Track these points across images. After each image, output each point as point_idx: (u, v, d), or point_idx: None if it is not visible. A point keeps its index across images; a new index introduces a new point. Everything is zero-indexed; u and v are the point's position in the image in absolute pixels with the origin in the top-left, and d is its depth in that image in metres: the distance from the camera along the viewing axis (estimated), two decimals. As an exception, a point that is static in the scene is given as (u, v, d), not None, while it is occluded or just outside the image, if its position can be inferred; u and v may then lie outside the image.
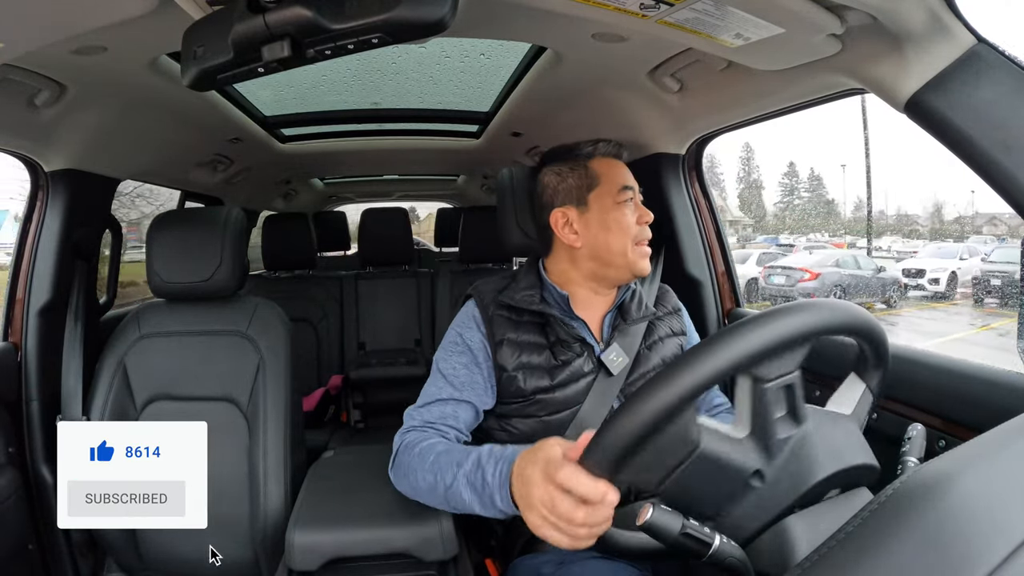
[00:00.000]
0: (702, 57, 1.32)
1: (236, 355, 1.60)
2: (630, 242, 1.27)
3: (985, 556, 0.49)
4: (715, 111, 1.62)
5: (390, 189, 4.24)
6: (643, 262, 1.28)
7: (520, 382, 1.24)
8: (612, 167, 1.31)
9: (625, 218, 1.27)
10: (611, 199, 1.28)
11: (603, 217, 1.28)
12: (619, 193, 1.28)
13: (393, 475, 1.18)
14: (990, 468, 0.59)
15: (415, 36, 0.80)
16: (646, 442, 0.72)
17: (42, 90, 1.34)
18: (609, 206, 1.27)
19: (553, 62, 1.53)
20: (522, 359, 1.24)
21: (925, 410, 1.22)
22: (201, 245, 1.59)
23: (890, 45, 0.97)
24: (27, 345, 1.62)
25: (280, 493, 1.51)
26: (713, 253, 1.93)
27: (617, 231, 1.27)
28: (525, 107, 1.95)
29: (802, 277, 12.17)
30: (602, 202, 1.28)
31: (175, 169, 2.32)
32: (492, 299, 1.30)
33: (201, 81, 0.87)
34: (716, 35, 1.03)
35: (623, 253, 1.27)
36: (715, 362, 0.69)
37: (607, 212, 1.27)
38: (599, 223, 1.28)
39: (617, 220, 1.27)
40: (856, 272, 12.30)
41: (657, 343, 1.34)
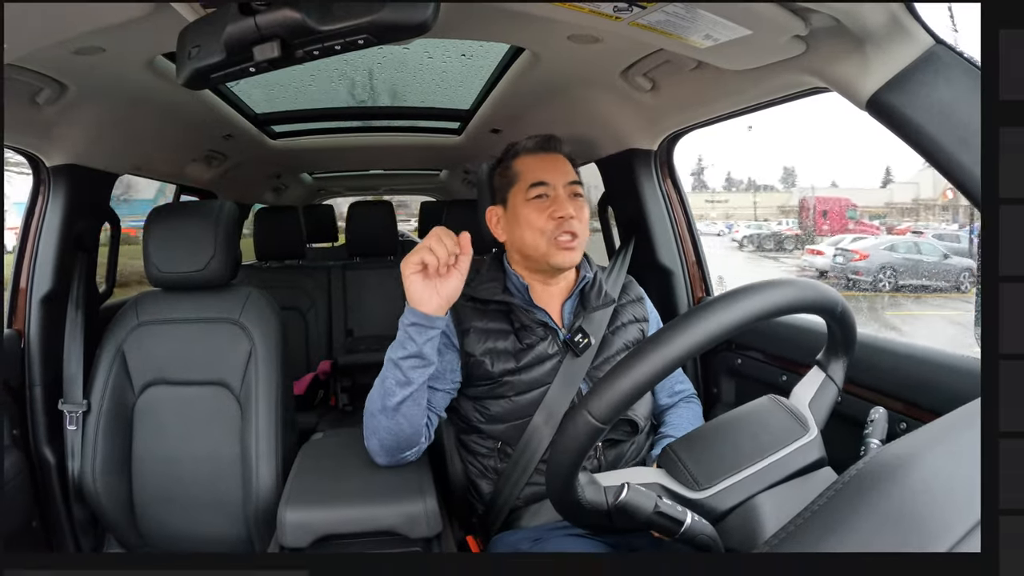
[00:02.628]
0: (673, 57, 1.34)
1: (229, 341, 1.62)
2: (542, 238, 1.28)
3: (945, 533, 0.51)
4: (685, 109, 1.64)
5: (376, 183, 4.29)
6: (559, 256, 1.28)
7: (488, 365, 1.27)
8: (533, 163, 1.32)
9: (533, 215, 1.28)
10: (522, 196, 1.30)
11: (516, 214, 1.31)
12: (529, 190, 1.29)
13: (366, 442, 1.21)
14: (948, 449, 0.60)
15: (399, 38, 0.82)
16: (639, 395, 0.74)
17: (44, 89, 1.36)
18: (520, 203, 1.30)
19: (530, 62, 1.55)
20: (488, 344, 1.27)
21: (887, 394, 1.25)
22: (196, 237, 1.61)
23: (852, 46, 0.99)
24: (30, 332, 1.65)
25: (271, 473, 1.53)
26: (684, 244, 1.96)
27: (527, 228, 1.29)
28: (504, 105, 1.97)
29: (853, 257, 13.05)
30: (516, 200, 1.31)
31: (171, 164, 2.35)
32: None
33: (195, 80, 0.88)
34: (686, 36, 1.04)
35: (536, 248, 1.29)
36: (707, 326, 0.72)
37: (519, 209, 1.30)
38: (514, 220, 1.31)
39: (527, 217, 1.29)
40: (913, 256, 12.75)
41: (620, 329, 1.37)
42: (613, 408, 0.73)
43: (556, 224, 1.26)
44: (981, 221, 0.63)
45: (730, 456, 0.84)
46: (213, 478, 1.59)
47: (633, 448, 1.33)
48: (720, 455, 0.85)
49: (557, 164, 1.31)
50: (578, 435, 0.75)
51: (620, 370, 0.73)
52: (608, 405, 0.72)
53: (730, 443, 0.86)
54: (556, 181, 1.29)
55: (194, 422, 1.61)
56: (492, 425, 1.30)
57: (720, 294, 0.76)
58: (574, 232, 1.27)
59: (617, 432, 1.30)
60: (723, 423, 0.91)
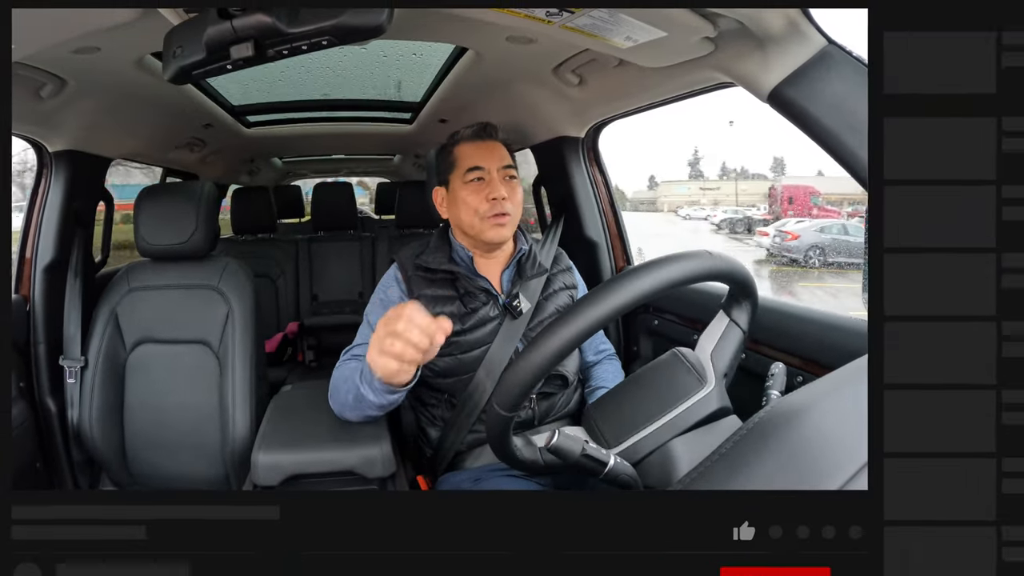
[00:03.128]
0: (598, 56, 1.38)
1: (209, 305, 1.69)
2: (476, 218, 1.32)
3: (836, 472, 0.53)
4: (609, 101, 1.70)
5: (338, 167, 4.40)
6: (491, 232, 1.33)
7: None
8: (470, 150, 1.37)
9: (470, 196, 1.33)
10: (460, 180, 1.34)
11: (456, 195, 1.35)
12: (466, 174, 1.34)
13: (330, 399, 1.24)
14: (839, 399, 0.62)
15: (358, 39, 0.83)
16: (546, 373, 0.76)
17: (46, 84, 1.38)
18: (460, 186, 1.34)
19: (473, 60, 1.58)
20: (436, 309, 1.30)
21: (786, 351, 1.31)
22: (180, 214, 1.68)
23: (755, 46, 1.02)
24: (35, 297, 1.70)
25: (246, 420, 1.62)
26: (608, 219, 2.04)
27: (464, 208, 1.33)
28: (450, 98, 2.01)
29: (787, 238, 13.79)
30: (456, 182, 1.36)
31: (158, 150, 2.40)
32: (410, 263, 1.37)
33: (179, 76, 0.89)
34: (609, 38, 1.07)
35: (472, 226, 1.34)
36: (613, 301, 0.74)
37: (458, 191, 1.35)
38: (454, 200, 1.36)
39: (464, 199, 1.33)
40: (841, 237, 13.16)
41: (552, 295, 1.43)
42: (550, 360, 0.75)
43: (490, 205, 1.31)
44: (868, 200, 0.65)
45: (636, 414, 0.86)
46: (195, 425, 1.66)
47: (563, 400, 1.38)
48: (628, 414, 0.87)
49: (493, 150, 1.36)
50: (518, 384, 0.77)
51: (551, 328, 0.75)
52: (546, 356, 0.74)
53: (637, 401, 0.88)
54: (491, 165, 1.33)
55: (178, 376, 1.68)
56: (440, 379, 1.34)
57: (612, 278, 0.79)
58: (506, 212, 1.32)
59: (549, 386, 1.35)
60: (633, 381, 0.94)
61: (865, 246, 0.74)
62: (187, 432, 1.67)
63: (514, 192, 1.35)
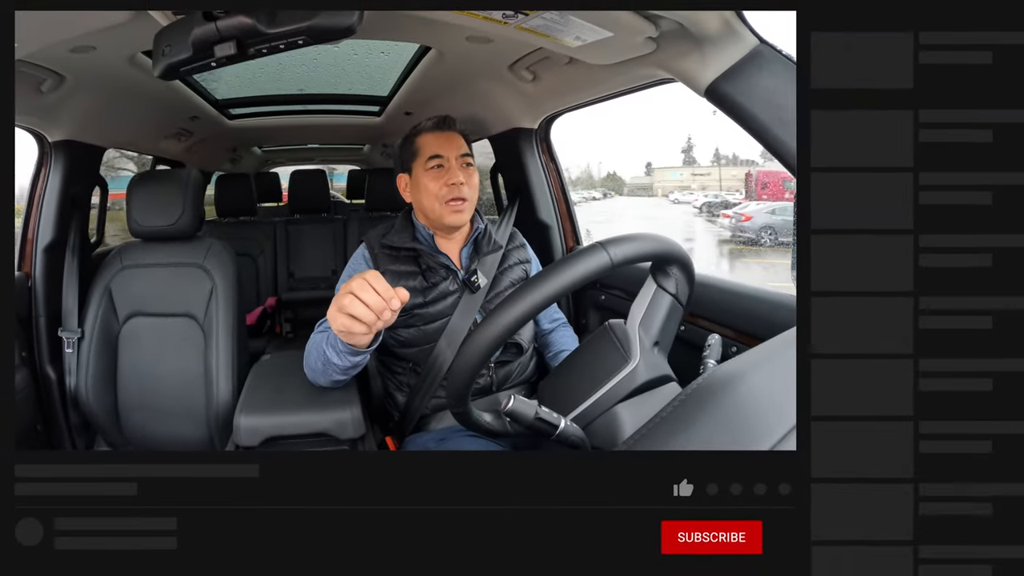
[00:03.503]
0: (550, 54, 1.42)
1: (195, 282, 1.75)
2: (436, 202, 1.37)
3: (767, 434, 0.55)
4: (560, 95, 1.77)
5: (312, 155, 4.53)
6: (450, 217, 1.38)
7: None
8: (431, 140, 1.41)
9: (430, 183, 1.38)
10: (422, 167, 1.39)
11: (418, 182, 1.40)
12: (427, 161, 1.39)
13: (304, 367, 1.28)
14: (770, 368, 0.65)
15: (331, 39, 0.86)
16: (499, 346, 0.78)
17: (46, 79, 1.43)
18: (421, 173, 1.39)
19: (436, 58, 1.65)
20: (400, 283, 1.30)
21: (722, 324, 1.37)
22: (169, 198, 1.73)
23: (693, 45, 1.05)
24: (36, 274, 1.77)
25: (228, 387, 1.68)
26: (559, 203, 2.13)
27: (425, 194, 1.39)
28: (415, 93, 2.08)
29: (741, 219, 14.45)
30: (417, 170, 1.40)
31: (148, 140, 2.48)
32: (377, 242, 1.42)
33: (168, 73, 0.91)
34: (560, 38, 1.11)
35: (432, 210, 1.39)
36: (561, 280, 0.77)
37: (420, 178, 1.39)
38: (416, 186, 1.41)
39: (425, 185, 1.38)
40: (791, 218, 13.28)
41: (508, 269, 1.49)
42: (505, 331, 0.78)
43: (449, 189, 1.36)
44: (796, 186, 0.67)
45: (572, 392, 0.89)
46: (182, 391, 1.73)
47: (519, 367, 1.44)
48: (566, 391, 0.90)
49: (451, 140, 1.41)
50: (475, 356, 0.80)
51: (520, 291, 0.78)
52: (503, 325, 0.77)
53: (574, 380, 0.91)
54: (450, 153, 1.39)
55: (167, 346, 1.74)
56: (405, 349, 1.40)
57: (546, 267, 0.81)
58: (463, 197, 1.37)
59: (506, 354, 1.41)
60: (569, 361, 0.96)
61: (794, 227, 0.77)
62: (175, 398, 1.74)
63: (470, 178, 1.40)
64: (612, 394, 0.86)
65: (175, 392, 1.74)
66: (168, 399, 1.74)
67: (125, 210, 1.77)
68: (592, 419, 0.85)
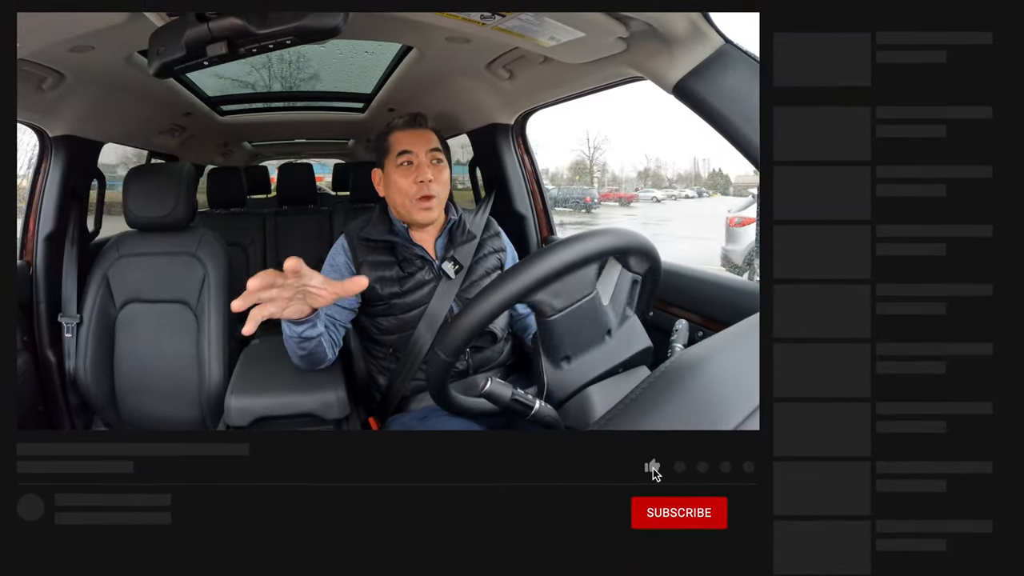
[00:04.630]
0: (526, 53, 1.44)
1: (188, 270, 1.78)
2: (406, 199, 1.38)
3: (732, 415, 0.57)
4: (536, 92, 1.81)
5: (299, 150, 4.54)
6: (419, 214, 1.39)
7: (378, 290, 1.37)
8: (402, 137, 1.42)
9: (400, 179, 1.39)
10: (393, 163, 1.40)
11: (388, 179, 1.42)
12: (397, 157, 1.39)
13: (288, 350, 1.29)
14: (735, 352, 0.66)
15: (317, 39, 0.87)
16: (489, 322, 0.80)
17: (47, 77, 1.45)
18: (392, 169, 1.41)
19: (417, 57, 1.68)
20: (378, 273, 1.37)
21: (689, 309, 1.39)
22: (163, 190, 1.77)
23: (661, 45, 1.06)
24: (37, 262, 1.81)
25: (220, 370, 1.72)
26: (534, 195, 2.19)
27: (395, 190, 1.40)
28: (397, 90, 2.11)
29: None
30: (389, 166, 1.42)
31: (143, 135, 2.50)
32: (356, 234, 1.44)
33: (162, 71, 0.92)
34: (535, 38, 1.12)
35: (402, 206, 1.40)
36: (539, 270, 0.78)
37: (391, 174, 1.41)
38: (387, 183, 1.43)
39: (395, 181, 1.40)
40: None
41: (483, 258, 1.48)
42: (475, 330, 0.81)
43: (418, 188, 1.37)
44: (760, 180, 0.67)
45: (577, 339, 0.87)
46: (175, 373, 1.76)
47: (494, 353, 1.46)
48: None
49: (421, 136, 1.41)
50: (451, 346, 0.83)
51: (481, 296, 0.80)
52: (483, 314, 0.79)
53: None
54: (419, 150, 1.39)
55: (161, 331, 1.77)
56: (385, 336, 1.42)
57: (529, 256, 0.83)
58: (432, 195, 1.38)
59: (482, 341, 1.42)
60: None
61: (757, 218, 0.75)
62: (169, 380, 1.77)
63: (440, 173, 1.41)
64: (591, 367, 0.87)
65: (169, 375, 1.77)
66: (162, 381, 1.77)
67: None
68: (566, 398, 0.86)
